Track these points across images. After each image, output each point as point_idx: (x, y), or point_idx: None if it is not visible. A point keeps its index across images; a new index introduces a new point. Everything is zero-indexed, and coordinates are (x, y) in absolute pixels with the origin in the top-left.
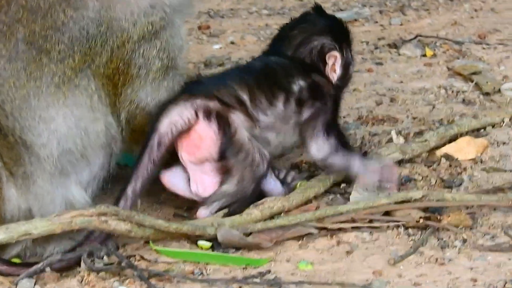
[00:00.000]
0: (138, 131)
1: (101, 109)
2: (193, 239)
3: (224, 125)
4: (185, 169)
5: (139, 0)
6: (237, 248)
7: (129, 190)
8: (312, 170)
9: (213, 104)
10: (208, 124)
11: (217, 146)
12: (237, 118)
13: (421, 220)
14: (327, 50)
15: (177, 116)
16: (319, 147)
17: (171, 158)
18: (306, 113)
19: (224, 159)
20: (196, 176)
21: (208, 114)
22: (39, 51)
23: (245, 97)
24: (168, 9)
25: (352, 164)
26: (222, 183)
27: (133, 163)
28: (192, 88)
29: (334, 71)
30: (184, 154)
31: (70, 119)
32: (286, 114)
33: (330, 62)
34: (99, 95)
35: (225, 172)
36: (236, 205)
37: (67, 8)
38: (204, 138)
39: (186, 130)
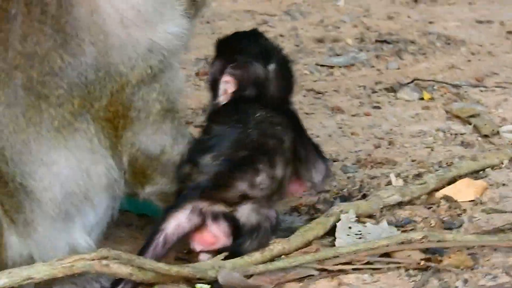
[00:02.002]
0: (140, 173)
1: (101, 152)
2: (193, 283)
3: (234, 222)
4: None
5: (136, 45)
6: None
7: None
8: (311, 213)
9: (218, 207)
10: (217, 226)
11: (231, 238)
12: (245, 210)
13: (423, 262)
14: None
15: (185, 222)
16: (317, 171)
17: None
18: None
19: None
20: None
21: (215, 217)
22: (38, 97)
23: (246, 187)
24: (166, 52)
25: None
26: None
27: (135, 208)
28: (195, 191)
29: None
30: (197, 245)
31: (72, 161)
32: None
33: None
34: (99, 138)
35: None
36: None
37: (64, 54)
38: (217, 237)
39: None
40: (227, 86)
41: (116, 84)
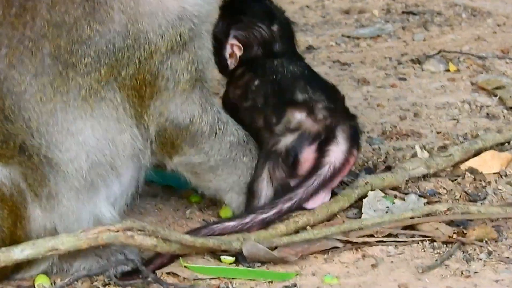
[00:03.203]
0: (168, 143)
1: (126, 121)
2: (217, 254)
3: (354, 129)
4: None
5: (166, 12)
6: (263, 262)
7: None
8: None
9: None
10: (350, 143)
11: None
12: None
13: (447, 234)
14: None
15: (346, 147)
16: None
17: None
18: None
19: None
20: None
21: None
22: (65, 66)
23: None
24: (197, 20)
25: None
26: None
27: (161, 180)
28: (329, 113)
29: None
30: (344, 171)
31: (98, 130)
32: None
33: None
34: (124, 107)
35: None
36: None
37: (92, 22)
38: (354, 151)
39: None
40: (234, 49)
41: (144, 52)
